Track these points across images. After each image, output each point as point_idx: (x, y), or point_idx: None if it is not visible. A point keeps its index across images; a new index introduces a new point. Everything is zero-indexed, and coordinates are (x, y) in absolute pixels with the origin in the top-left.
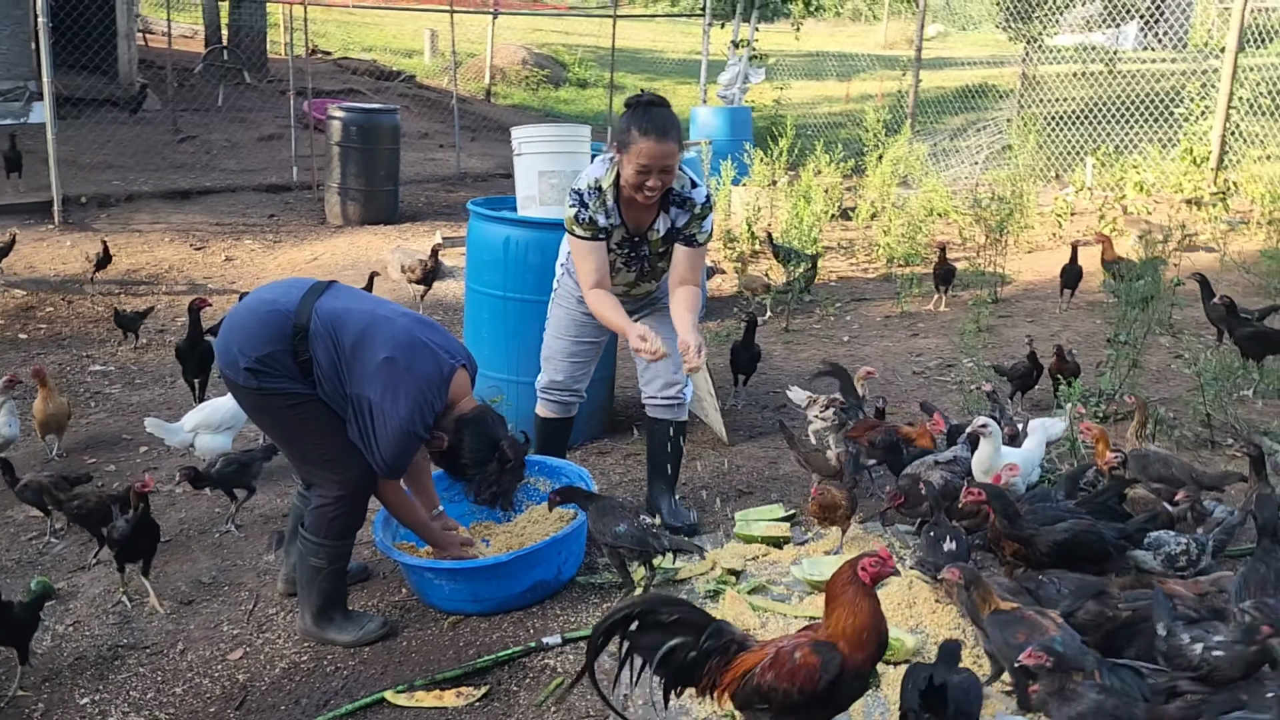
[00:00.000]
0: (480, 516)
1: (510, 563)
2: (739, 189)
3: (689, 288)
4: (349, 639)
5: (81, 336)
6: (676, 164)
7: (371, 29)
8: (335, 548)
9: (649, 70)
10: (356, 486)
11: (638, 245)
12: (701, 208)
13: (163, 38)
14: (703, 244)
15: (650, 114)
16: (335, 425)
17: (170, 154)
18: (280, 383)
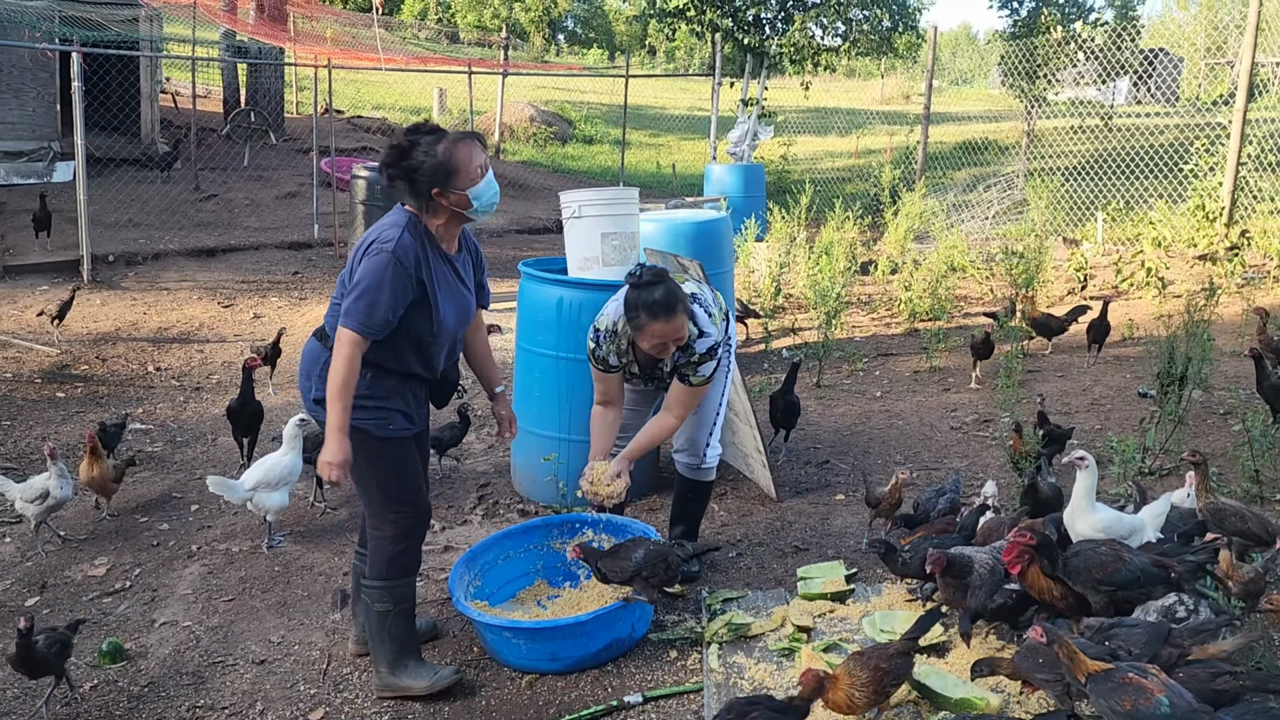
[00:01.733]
0: (540, 576)
1: (588, 622)
2: (760, 246)
3: (665, 418)
4: (424, 684)
5: (119, 395)
6: (684, 331)
7: (380, 87)
8: (398, 587)
9: (653, 126)
10: (412, 523)
11: (651, 374)
12: (700, 356)
13: (186, 99)
14: (696, 385)
15: (656, 301)
16: (395, 459)
17: (194, 213)
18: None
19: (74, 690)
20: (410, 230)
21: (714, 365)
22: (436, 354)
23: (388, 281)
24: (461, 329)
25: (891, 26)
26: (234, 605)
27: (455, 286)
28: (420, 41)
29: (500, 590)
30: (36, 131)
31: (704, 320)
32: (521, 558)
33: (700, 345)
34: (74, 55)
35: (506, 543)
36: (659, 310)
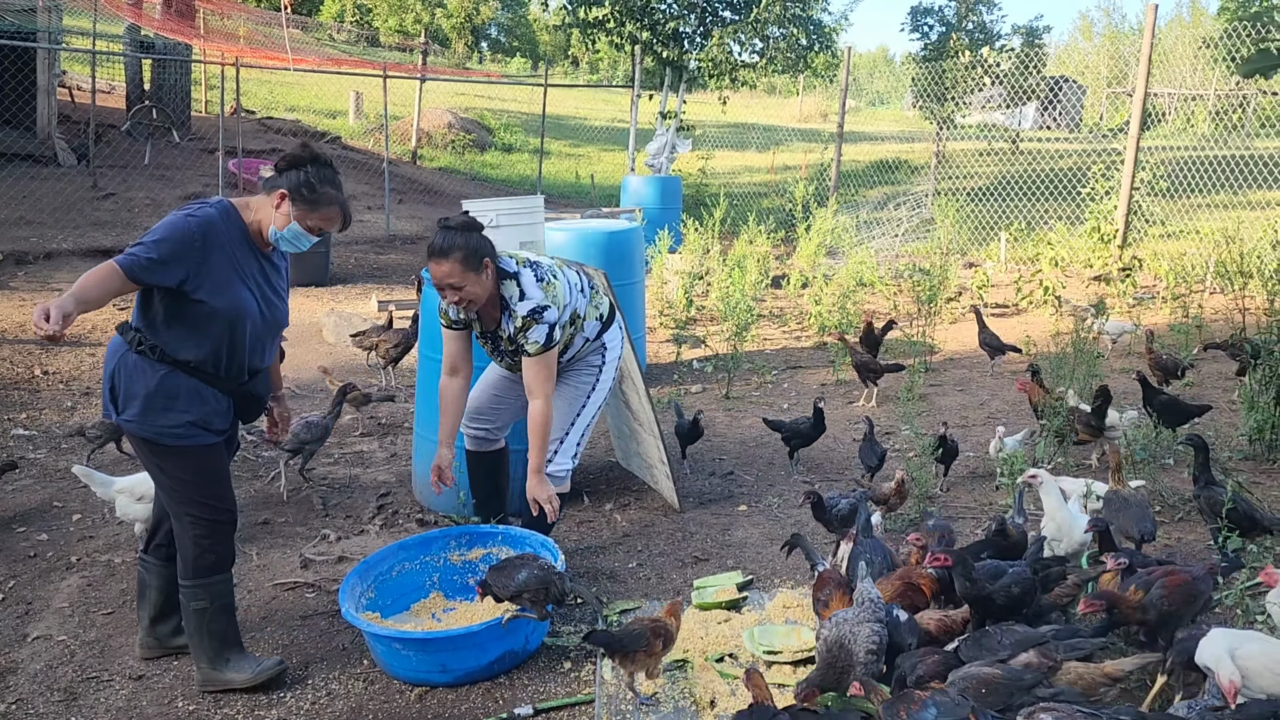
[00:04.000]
0: (436, 589)
1: (480, 633)
2: (674, 257)
3: (534, 402)
4: (246, 677)
5: (2, 399)
6: (467, 280)
7: (294, 89)
8: (211, 585)
9: (573, 136)
10: (212, 524)
11: (496, 340)
12: (523, 320)
13: (85, 93)
14: (534, 354)
15: (436, 237)
16: (190, 463)
17: (90, 211)
18: (138, 404)
19: None
20: (222, 214)
21: (545, 331)
22: (241, 350)
23: (174, 236)
24: (270, 335)
25: (808, 46)
26: (113, 619)
27: (262, 284)
28: (337, 44)
29: (395, 603)
30: None
31: (529, 284)
32: (417, 570)
33: (520, 308)
34: None
35: (402, 554)
36: (431, 250)
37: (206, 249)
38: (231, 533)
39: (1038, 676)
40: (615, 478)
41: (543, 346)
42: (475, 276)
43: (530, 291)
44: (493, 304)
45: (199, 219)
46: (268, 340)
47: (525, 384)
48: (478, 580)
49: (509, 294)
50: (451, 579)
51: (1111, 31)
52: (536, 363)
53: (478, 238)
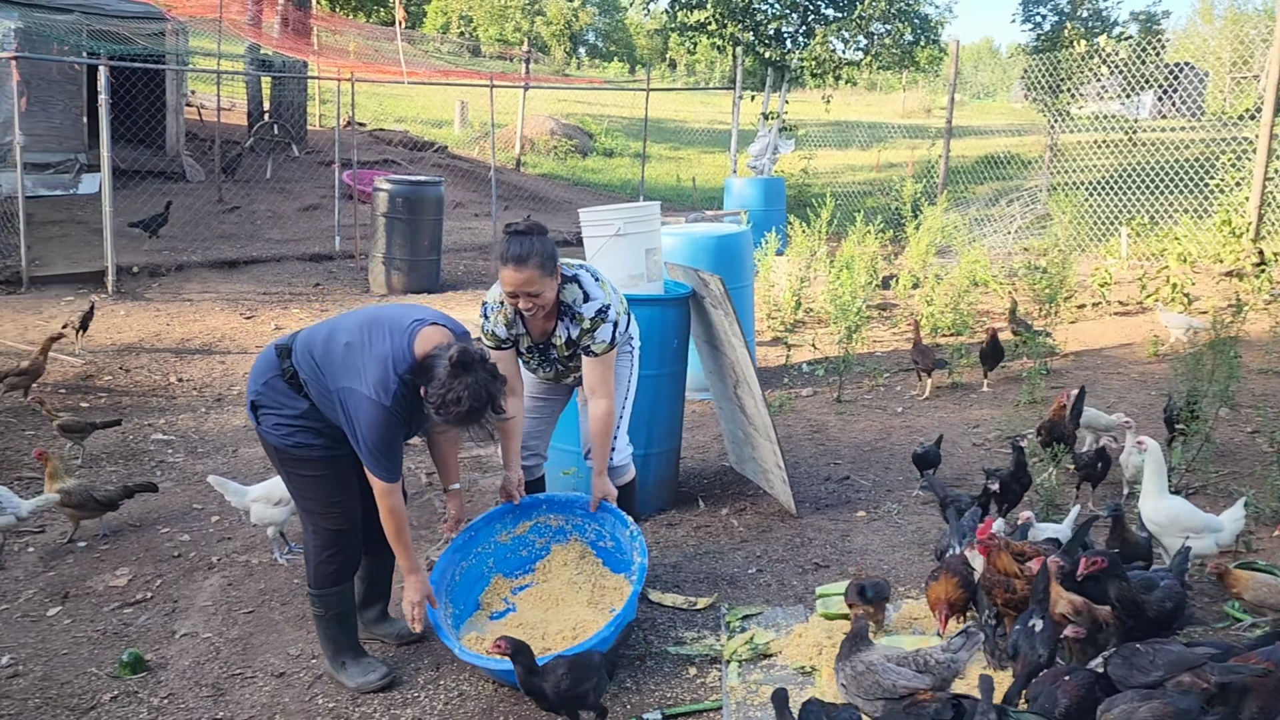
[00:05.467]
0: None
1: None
2: (780, 259)
3: (598, 402)
4: (353, 684)
5: (141, 406)
6: (542, 288)
7: (402, 100)
8: (327, 596)
9: (674, 139)
10: (334, 535)
11: (545, 350)
12: (590, 321)
13: (210, 111)
14: (600, 354)
15: (512, 243)
16: (318, 475)
17: (216, 224)
18: (278, 417)
19: None
20: (401, 391)
21: (610, 329)
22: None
23: (388, 430)
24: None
25: (913, 40)
26: (253, 617)
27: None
28: (442, 55)
29: (468, 603)
30: (63, 144)
31: (590, 284)
32: (474, 564)
33: (587, 309)
34: (101, 69)
35: (457, 557)
36: (509, 258)
37: (404, 418)
38: (353, 543)
39: (1196, 703)
40: (729, 482)
41: (608, 345)
42: (550, 281)
43: (593, 291)
44: (550, 312)
45: (389, 413)
46: None
47: (587, 385)
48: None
49: (571, 297)
50: (505, 558)
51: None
52: (601, 363)
53: (549, 242)
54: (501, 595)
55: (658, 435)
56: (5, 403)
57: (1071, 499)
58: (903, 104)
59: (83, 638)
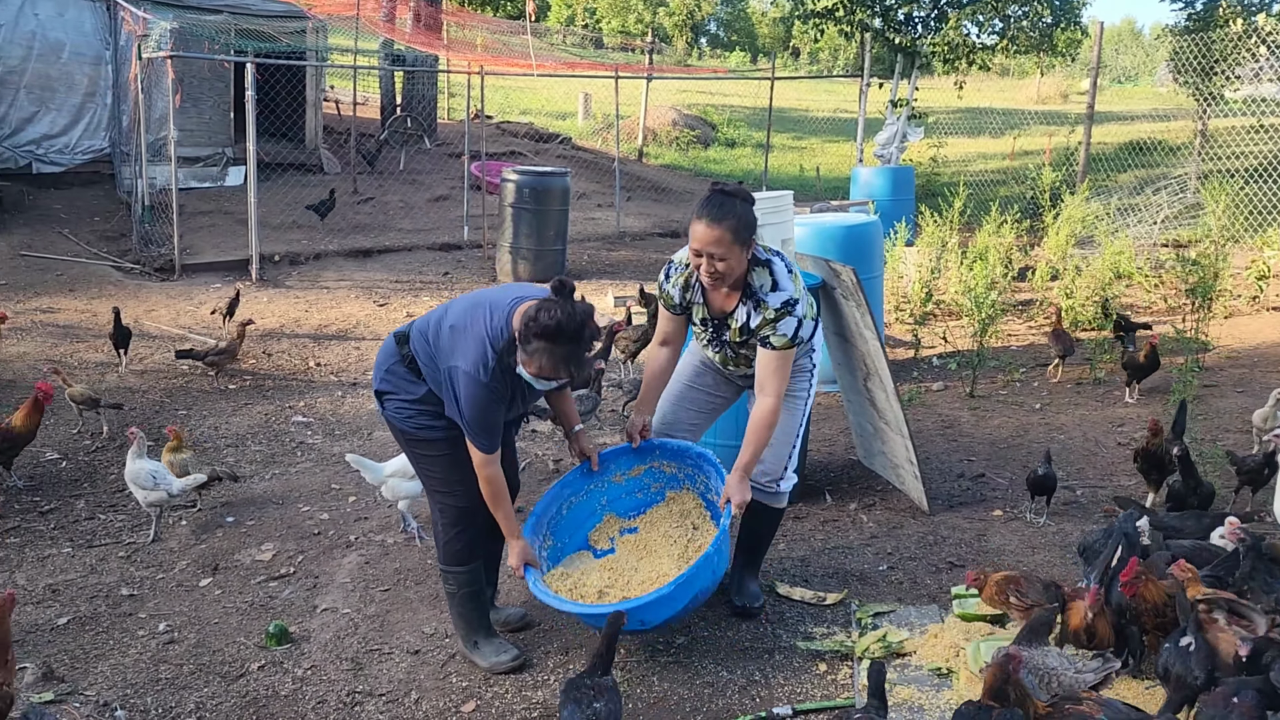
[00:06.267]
0: (607, 511)
1: (670, 594)
2: (910, 250)
3: (762, 401)
4: (484, 664)
5: (282, 388)
6: (731, 254)
7: (526, 93)
8: (456, 574)
9: (796, 129)
10: (459, 513)
11: (719, 329)
12: (775, 312)
13: (346, 105)
14: (779, 348)
15: (712, 199)
16: (442, 453)
17: (351, 215)
18: (400, 401)
19: None
20: (497, 363)
21: (794, 325)
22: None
23: (483, 406)
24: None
25: (1052, 23)
26: (390, 595)
27: (515, 398)
28: (566, 47)
29: (572, 538)
30: (212, 138)
31: (782, 274)
32: (585, 499)
33: (773, 299)
34: (248, 66)
35: (565, 491)
36: (704, 211)
37: (503, 397)
38: (478, 520)
39: None
40: (858, 476)
41: (789, 341)
42: (739, 251)
43: (783, 282)
44: (735, 286)
45: (486, 388)
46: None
47: (758, 380)
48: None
49: (759, 282)
50: (620, 498)
51: None
52: (778, 358)
53: (751, 212)
54: (609, 534)
55: None
56: (165, 381)
57: (1230, 503)
58: (1038, 89)
59: (232, 608)
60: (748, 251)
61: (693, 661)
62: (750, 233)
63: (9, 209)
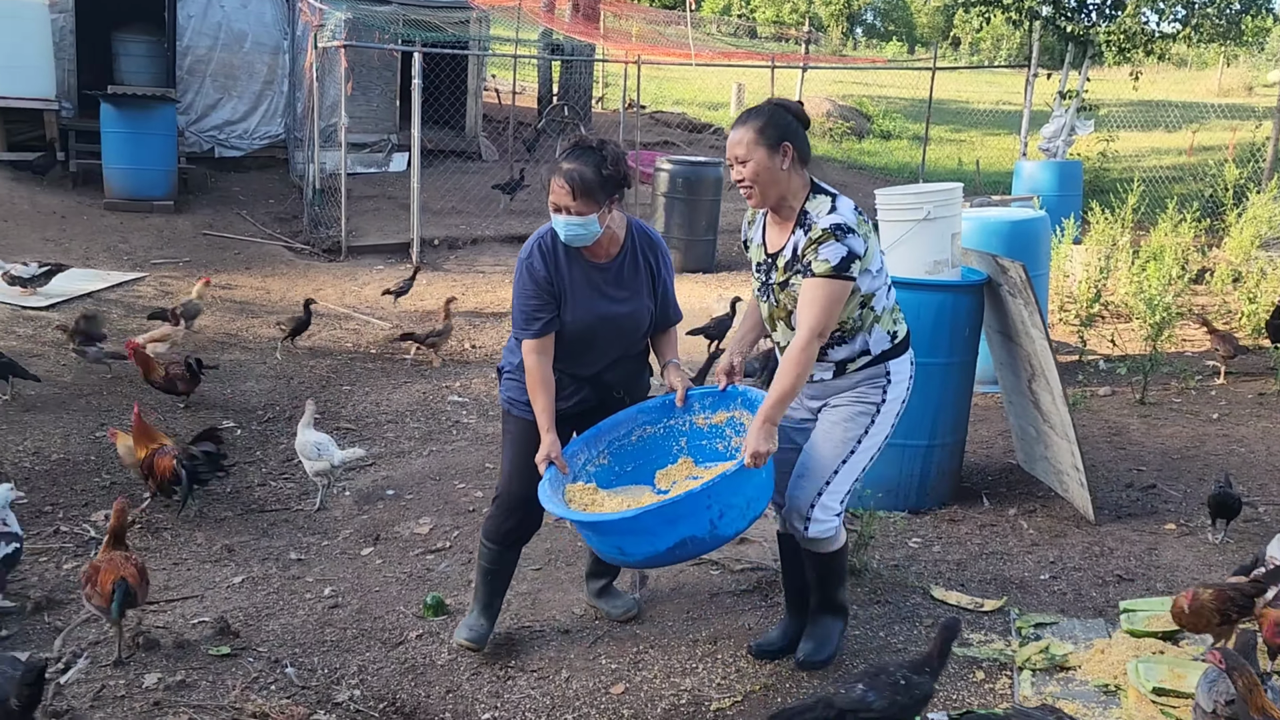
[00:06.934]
0: (685, 455)
1: (642, 516)
2: (1078, 249)
3: (797, 336)
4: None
5: (440, 370)
6: (754, 156)
7: (679, 83)
8: (483, 547)
9: (955, 121)
10: (508, 498)
11: (769, 270)
12: (822, 233)
13: (505, 95)
14: (819, 274)
15: (758, 106)
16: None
17: (507, 201)
18: (505, 373)
19: None
20: (540, 242)
21: (841, 253)
22: (572, 351)
23: (521, 289)
24: (608, 331)
25: (1242, 9)
26: (541, 574)
27: (592, 292)
28: (720, 37)
29: (637, 469)
30: (379, 125)
31: (846, 209)
32: (662, 435)
33: (825, 220)
34: (415, 55)
35: (642, 417)
36: (743, 117)
37: (544, 282)
38: (522, 514)
39: None
40: (1017, 481)
41: (833, 269)
42: (766, 156)
43: (845, 214)
44: (787, 216)
45: (527, 261)
46: (606, 335)
47: (798, 314)
48: None
49: (816, 209)
50: (700, 444)
51: None
52: (817, 285)
53: (786, 117)
54: (674, 479)
55: (943, 426)
56: (331, 359)
57: None
58: (1219, 81)
59: (392, 578)
60: (779, 159)
61: (844, 660)
62: (780, 136)
63: (193, 190)
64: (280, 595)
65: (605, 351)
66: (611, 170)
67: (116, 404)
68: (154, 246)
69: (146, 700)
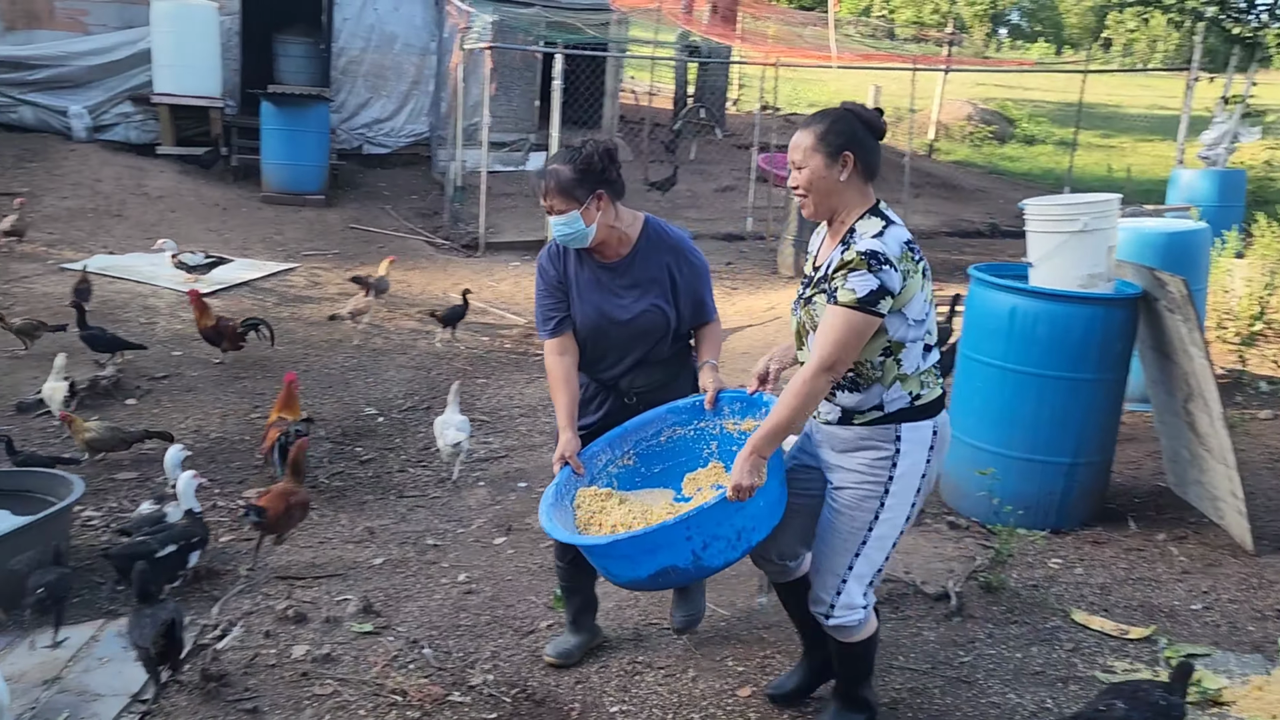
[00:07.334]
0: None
1: (621, 543)
2: (1240, 263)
3: (806, 365)
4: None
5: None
6: (810, 162)
7: (814, 85)
8: (556, 567)
9: (1105, 126)
10: None
11: (806, 284)
12: (858, 257)
13: (641, 96)
14: (841, 304)
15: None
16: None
17: (640, 202)
18: None
19: None
20: (553, 245)
21: (872, 284)
22: (590, 354)
23: (537, 290)
24: (612, 333)
25: None
26: None
27: (598, 293)
28: (857, 38)
29: (666, 471)
30: (518, 125)
31: (894, 238)
32: (692, 438)
33: (863, 244)
34: (557, 56)
35: (672, 418)
36: (808, 119)
37: (554, 280)
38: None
39: None
40: (1166, 505)
41: (859, 300)
42: (823, 164)
43: (890, 242)
44: (836, 226)
45: (539, 261)
46: (619, 336)
47: (814, 341)
48: None
49: (864, 229)
50: (730, 449)
51: None
52: (837, 315)
53: (853, 123)
54: (699, 486)
55: (1087, 444)
56: (468, 351)
57: None
58: None
59: (523, 568)
60: (838, 169)
61: (978, 679)
62: (843, 144)
63: (343, 185)
64: (418, 579)
65: (622, 354)
66: (585, 167)
67: (270, 388)
68: (305, 239)
69: (295, 670)
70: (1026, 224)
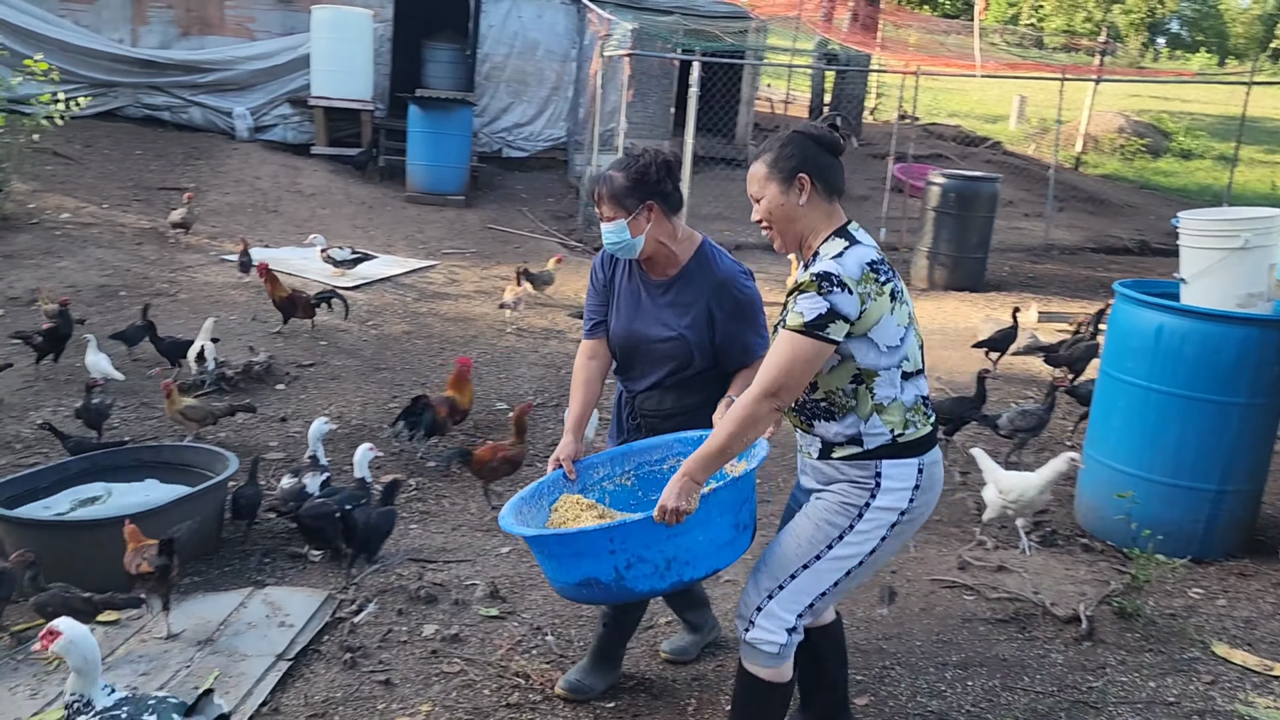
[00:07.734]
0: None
1: (549, 539)
2: None
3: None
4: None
5: None
6: (766, 192)
7: (955, 95)
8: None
9: (1269, 141)
10: None
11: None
12: (810, 279)
13: (776, 103)
14: (789, 327)
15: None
16: None
17: None
18: None
19: None
20: (599, 257)
21: (820, 309)
22: (621, 363)
23: (588, 290)
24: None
25: None
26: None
27: (633, 307)
28: (1004, 47)
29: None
30: (653, 131)
31: (854, 262)
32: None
33: (819, 265)
34: (694, 64)
35: (679, 447)
36: (760, 148)
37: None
38: None
39: None
40: None
41: (805, 324)
42: (779, 191)
43: (849, 264)
44: (805, 253)
45: (591, 270)
46: (646, 356)
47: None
48: None
49: (826, 250)
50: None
51: None
52: (783, 340)
53: (804, 143)
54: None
55: (1236, 472)
56: None
57: None
58: None
59: None
60: (795, 194)
61: (1107, 706)
62: (795, 166)
63: (482, 187)
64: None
65: (646, 371)
66: (639, 176)
67: (407, 379)
68: (445, 237)
69: (425, 648)
70: (1181, 239)
